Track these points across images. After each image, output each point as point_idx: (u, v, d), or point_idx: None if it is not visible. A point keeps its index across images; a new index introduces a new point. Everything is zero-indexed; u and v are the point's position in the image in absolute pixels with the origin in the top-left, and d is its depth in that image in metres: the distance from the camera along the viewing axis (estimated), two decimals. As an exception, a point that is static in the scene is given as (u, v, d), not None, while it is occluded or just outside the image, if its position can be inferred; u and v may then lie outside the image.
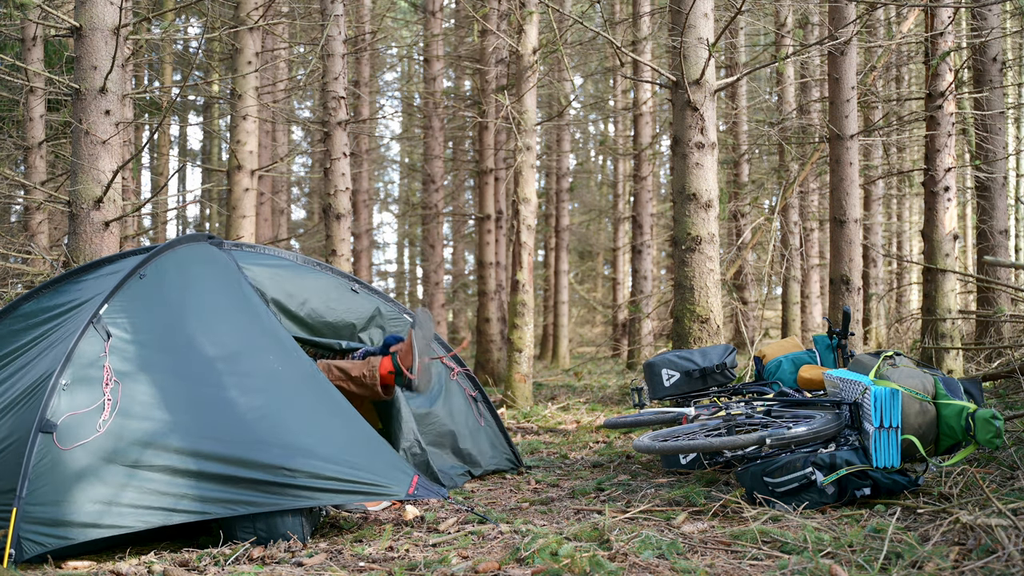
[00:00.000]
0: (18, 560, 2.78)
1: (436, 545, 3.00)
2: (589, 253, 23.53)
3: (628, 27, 12.46)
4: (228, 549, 2.95)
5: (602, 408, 7.50)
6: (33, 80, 7.27)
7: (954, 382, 3.54)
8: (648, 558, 2.65)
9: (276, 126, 12.94)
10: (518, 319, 7.60)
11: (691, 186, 5.87)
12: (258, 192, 10.36)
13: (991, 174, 8.03)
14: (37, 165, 7.79)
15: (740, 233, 12.69)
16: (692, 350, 4.74)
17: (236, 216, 8.17)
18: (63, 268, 5.11)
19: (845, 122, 6.96)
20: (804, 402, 3.88)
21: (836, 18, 6.97)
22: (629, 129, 16.20)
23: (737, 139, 13.30)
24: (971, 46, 8.12)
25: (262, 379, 3.31)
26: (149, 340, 3.25)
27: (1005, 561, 2.41)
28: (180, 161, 19.59)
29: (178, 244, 3.66)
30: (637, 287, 12.66)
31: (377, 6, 13.83)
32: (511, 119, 7.77)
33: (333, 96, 7.91)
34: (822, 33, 10.60)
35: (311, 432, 3.18)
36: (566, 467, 4.73)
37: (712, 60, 5.83)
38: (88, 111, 4.94)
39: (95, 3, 4.95)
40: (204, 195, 16.30)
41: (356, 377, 3.86)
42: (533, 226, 7.73)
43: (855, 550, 2.62)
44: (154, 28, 10.57)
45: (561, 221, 15.56)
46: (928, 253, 7.78)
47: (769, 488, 3.30)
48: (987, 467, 3.69)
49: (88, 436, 2.95)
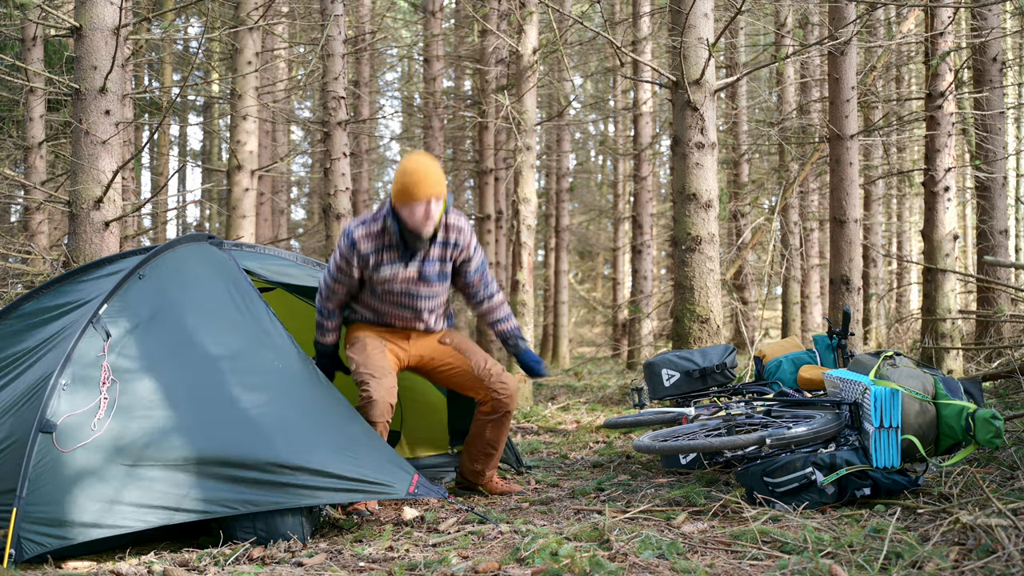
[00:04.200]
0: (18, 560, 2.78)
1: (436, 545, 3.00)
2: (589, 253, 23.53)
3: (628, 27, 12.46)
4: (228, 549, 2.95)
5: (602, 408, 7.50)
6: (33, 80, 7.27)
7: (954, 382, 3.55)
8: (648, 558, 2.65)
9: (276, 126, 12.94)
10: (518, 319, 7.60)
11: (691, 186, 5.87)
12: (258, 192, 10.36)
13: (991, 174, 8.03)
14: (37, 165, 7.79)
15: (740, 233, 12.69)
16: (692, 350, 4.74)
17: (236, 216, 8.17)
18: (63, 268, 5.12)
19: (845, 122, 6.96)
20: (804, 402, 3.88)
21: (836, 18, 6.97)
22: (629, 129, 16.20)
23: (737, 139, 13.30)
24: (971, 46, 8.12)
25: (262, 378, 3.31)
26: (149, 340, 3.26)
27: (1005, 561, 2.41)
28: (180, 161, 19.60)
29: (178, 244, 3.66)
30: (637, 287, 12.66)
31: (377, 6, 13.83)
32: (511, 119, 7.78)
33: (333, 96, 7.91)
34: (822, 33, 10.60)
35: (311, 431, 3.18)
36: (566, 467, 4.73)
37: (712, 60, 5.83)
38: (88, 111, 4.94)
39: (95, 3, 4.95)
40: (204, 195, 16.31)
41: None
42: (533, 226, 7.74)
43: (855, 550, 2.62)
44: (154, 28, 10.58)
45: (561, 221, 15.56)
46: (928, 253, 7.78)
47: (769, 488, 3.30)
48: (987, 467, 3.69)
49: (88, 436, 2.95)
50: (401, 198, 3.62)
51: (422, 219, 3.63)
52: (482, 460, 4.02)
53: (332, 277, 3.80)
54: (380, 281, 3.75)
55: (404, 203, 3.62)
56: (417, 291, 3.81)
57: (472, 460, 4.05)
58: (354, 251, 3.72)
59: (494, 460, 4.05)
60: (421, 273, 3.78)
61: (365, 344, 3.79)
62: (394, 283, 3.76)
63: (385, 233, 3.71)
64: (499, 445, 4.02)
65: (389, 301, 3.82)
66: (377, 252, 3.72)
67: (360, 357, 3.74)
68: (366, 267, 3.74)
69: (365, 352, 3.75)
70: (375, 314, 3.88)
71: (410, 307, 3.83)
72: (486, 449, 4.00)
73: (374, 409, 3.58)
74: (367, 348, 3.77)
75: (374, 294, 3.82)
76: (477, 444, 4.01)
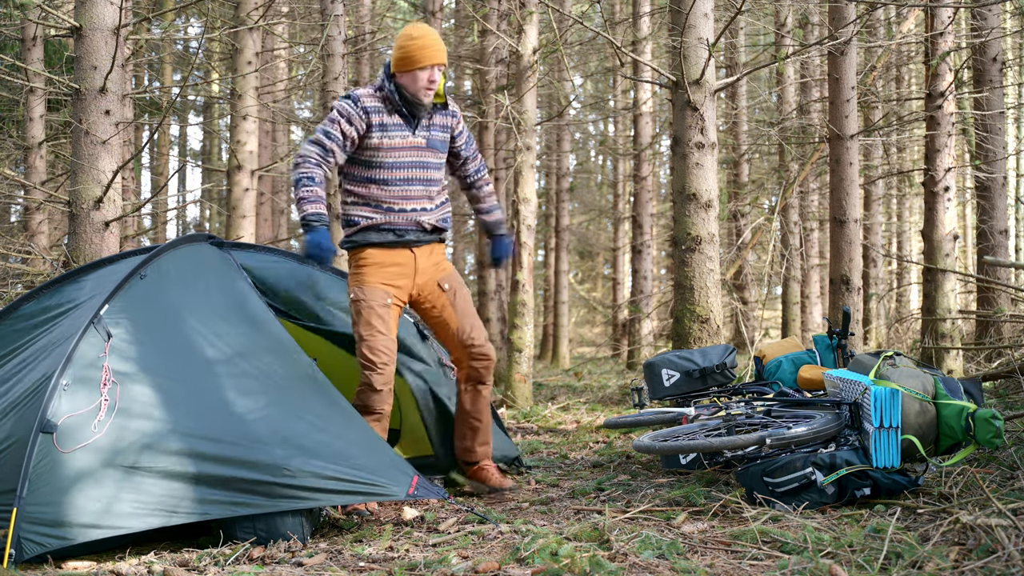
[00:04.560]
0: (18, 560, 2.78)
1: (436, 545, 3.00)
2: (589, 253, 23.53)
3: (628, 27, 12.46)
4: (228, 549, 2.96)
5: (602, 408, 7.50)
6: (33, 80, 7.27)
7: (954, 382, 3.55)
8: (648, 558, 2.65)
9: (276, 126, 12.94)
10: (518, 319, 7.60)
11: (691, 186, 5.87)
12: (258, 192, 10.35)
13: (991, 174, 8.03)
14: (37, 165, 7.79)
15: (740, 233, 12.69)
16: (692, 350, 4.74)
17: (236, 216, 8.17)
18: (63, 268, 5.12)
19: (845, 122, 6.96)
20: (804, 402, 3.88)
21: (836, 18, 6.97)
22: (629, 129, 16.20)
23: (737, 139, 13.30)
24: (971, 46, 8.12)
25: (262, 379, 3.31)
26: (149, 340, 3.26)
27: (1005, 561, 2.41)
28: (180, 161, 19.60)
29: (178, 244, 3.66)
30: (637, 287, 12.66)
31: (377, 6, 13.83)
32: (511, 119, 7.77)
33: (333, 96, 7.91)
34: (822, 33, 10.60)
35: (311, 432, 3.18)
36: (566, 467, 4.73)
37: (712, 60, 5.83)
38: (88, 111, 4.94)
39: (95, 3, 4.95)
40: (204, 195, 16.31)
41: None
42: (533, 226, 7.73)
43: (855, 550, 2.62)
44: (154, 28, 10.58)
45: (561, 221, 15.55)
46: (928, 253, 7.78)
47: (769, 488, 3.31)
48: (987, 467, 3.70)
49: (88, 437, 2.95)
50: (404, 64, 3.57)
51: (425, 86, 3.59)
52: (469, 436, 3.98)
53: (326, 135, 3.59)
54: (390, 148, 3.65)
55: (407, 69, 3.58)
56: (426, 160, 3.74)
57: (460, 437, 4.02)
58: (358, 107, 3.60)
59: (481, 435, 3.98)
60: (428, 141, 3.73)
61: (371, 309, 3.66)
62: (403, 152, 3.68)
63: (388, 100, 3.65)
64: (482, 418, 3.97)
65: (398, 178, 3.69)
66: (382, 114, 3.64)
67: (366, 331, 3.65)
68: (370, 131, 3.61)
69: (371, 326, 3.65)
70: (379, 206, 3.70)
71: (421, 180, 3.73)
72: (470, 423, 3.97)
73: (375, 396, 3.58)
74: (372, 318, 3.65)
75: (382, 168, 3.68)
76: (460, 417, 4.00)
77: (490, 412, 4.09)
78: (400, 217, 3.74)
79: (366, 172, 3.73)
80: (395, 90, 3.64)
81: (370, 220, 3.73)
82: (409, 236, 3.77)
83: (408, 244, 3.78)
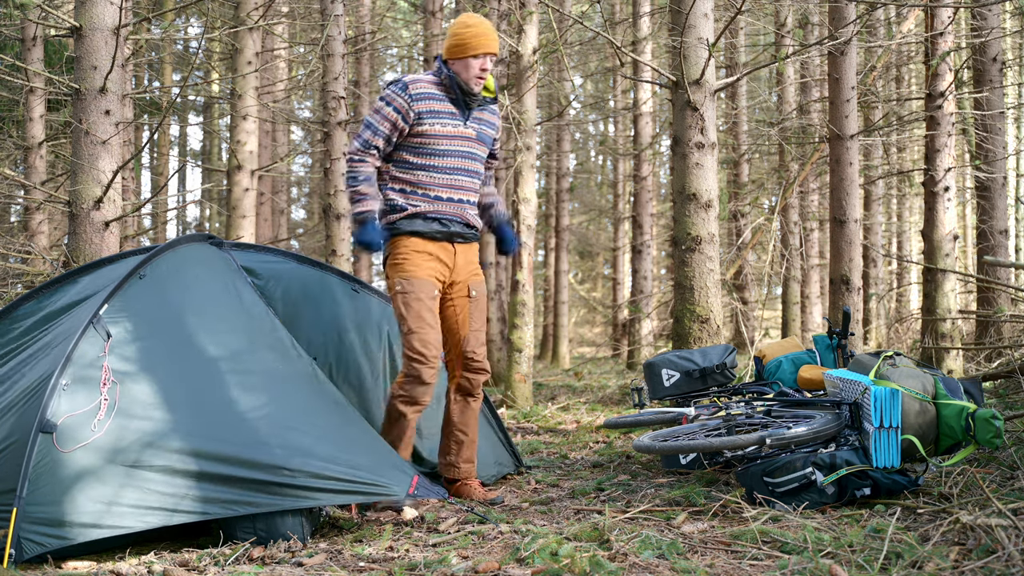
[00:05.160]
0: (18, 560, 2.78)
1: (436, 545, 3.00)
2: (589, 253, 23.53)
3: (628, 27, 12.46)
4: (228, 549, 2.96)
5: (602, 408, 7.50)
6: (33, 80, 7.27)
7: (954, 382, 3.55)
8: (648, 558, 2.65)
9: (276, 126, 12.94)
10: (518, 319, 7.60)
11: (691, 186, 5.87)
12: (258, 192, 10.36)
13: (991, 174, 8.03)
14: (37, 165, 7.79)
15: (740, 233, 12.69)
16: (692, 350, 4.74)
17: (236, 216, 8.17)
18: (63, 268, 5.12)
19: (845, 122, 6.97)
20: (804, 402, 3.88)
21: (836, 18, 6.97)
22: (629, 129, 16.20)
23: (737, 139, 13.30)
24: (971, 46, 8.12)
25: (262, 379, 3.31)
26: (149, 340, 3.25)
27: (1005, 561, 2.41)
28: (180, 161, 19.60)
29: (178, 244, 3.66)
30: (637, 287, 12.66)
31: (377, 6, 13.84)
32: (511, 119, 7.77)
33: (333, 96, 7.91)
34: (822, 33, 10.60)
35: (311, 432, 3.18)
36: (566, 467, 4.73)
37: (712, 60, 5.83)
38: (88, 111, 4.94)
39: (95, 3, 4.95)
40: (204, 195, 16.31)
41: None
42: (533, 226, 7.73)
43: (855, 550, 2.62)
44: (154, 28, 10.58)
45: (561, 221, 15.56)
46: (928, 253, 7.78)
47: (769, 488, 3.31)
48: (987, 467, 3.70)
49: (88, 437, 2.95)
50: (458, 52, 3.58)
51: (477, 74, 3.59)
52: (454, 450, 3.85)
53: (373, 131, 3.59)
54: (441, 136, 3.62)
55: (460, 56, 3.58)
56: (474, 152, 3.73)
57: (444, 451, 3.89)
58: (406, 95, 3.57)
59: (465, 450, 3.86)
60: (478, 133, 3.73)
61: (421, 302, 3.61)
62: (454, 140, 3.65)
63: (442, 86, 3.64)
64: (469, 432, 3.86)
65: (448, 166, 3.65)
66: (433, 101, 3.62)
67: (416, 324, 3.59)
68: (420, 119, 3.58)
69: (421, 319, 3.60)
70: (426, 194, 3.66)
71: (468, 172, 3.71)
72: (455, 435, 3.85)
73: (422, 388, 3.56)
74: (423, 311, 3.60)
75: (433, 155, 3.64)
76: (446, 429, 3.88)
77: (477, 428, 3.97)
78: (447, 207, 3.70)
79: (415, 159, 3.68)
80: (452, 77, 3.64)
81: (416, 208, 3.67)
82: (454, 228, 3.72)
83: (451, 238, 3.73)
